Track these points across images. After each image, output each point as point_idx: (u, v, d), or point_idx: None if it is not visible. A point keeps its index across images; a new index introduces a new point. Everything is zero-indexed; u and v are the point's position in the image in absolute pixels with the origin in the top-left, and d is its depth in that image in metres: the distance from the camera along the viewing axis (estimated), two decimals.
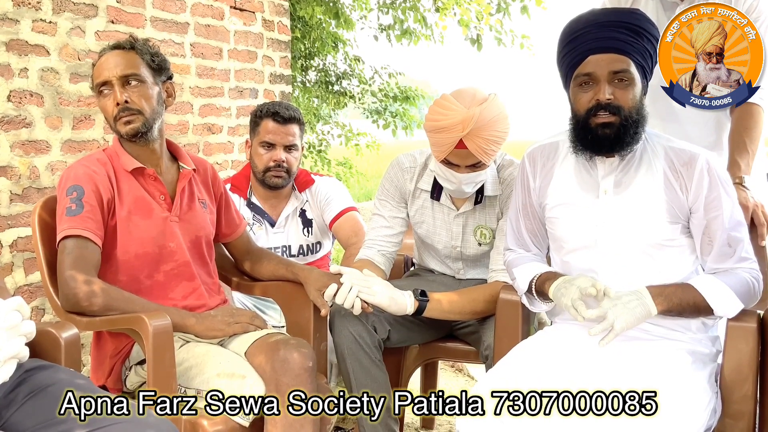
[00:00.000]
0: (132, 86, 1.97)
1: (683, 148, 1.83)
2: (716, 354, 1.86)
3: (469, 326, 2.30)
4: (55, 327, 1.70)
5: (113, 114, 1.98)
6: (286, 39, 4.31)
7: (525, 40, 6.69)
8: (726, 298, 1.75)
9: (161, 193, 2.03)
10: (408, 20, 6.65)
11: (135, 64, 1.98)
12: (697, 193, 1.78)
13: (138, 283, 1.96)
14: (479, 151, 2.07)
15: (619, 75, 1.77)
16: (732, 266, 1.80)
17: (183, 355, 1.90)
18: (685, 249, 1.85)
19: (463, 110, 2.05)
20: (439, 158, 2.15)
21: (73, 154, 2.96)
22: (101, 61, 2.00)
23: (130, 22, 3.24)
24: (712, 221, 1.79)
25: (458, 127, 2.04)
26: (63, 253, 1.87)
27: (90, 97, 3.03)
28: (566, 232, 1.91)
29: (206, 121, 3.74)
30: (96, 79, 2.00)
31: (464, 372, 3.53)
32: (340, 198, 2.77)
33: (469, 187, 2.18)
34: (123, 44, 2.01)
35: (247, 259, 2.32)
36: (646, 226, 1.81)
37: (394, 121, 7.32)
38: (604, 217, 1.85)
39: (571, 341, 1.85)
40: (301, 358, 1.82)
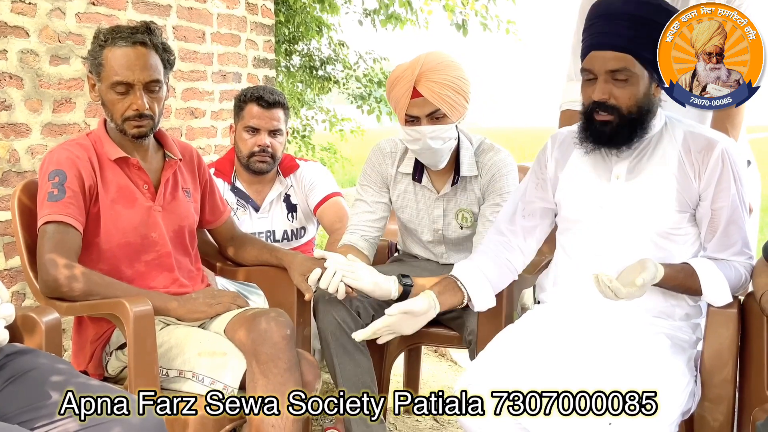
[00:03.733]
0: (153, 93, 1.93)
1: (702, 134, 1.84)
2: (696, 341, 1.88)
3: (452, 311, 2.31)
4: (35, 312, 1.69)
5: (125, 115, 1.92)
6: (269, 23, 4.27)
7: (511, 26, 6.68)
8: (720, 289, 1.78)
9: (145, 182, 2.01)
10: (393, 5, 6.61)
11: (158, 68, 1.93)
12: (709, 181, 1.80)
13: (119, 273, 1.94)
14: (434, 96, 2.11)
15: (616, 74, 1.77)
16: (729, 258, 1.83)
17: (163, 338, 1.90)
18: (690, 238, 1.87)
19: (411, 61, 2.15)
20: (402, 118, 2.18)
21: (54, 137, 2.93)
22: (120, 55, 1.89)
23: (112, 4, 3.20)
24: (717, 211, 1.81)
25: (408, 73, 2.12)
26: (43, 238, 1.85)
27: (71, 79, 2.99)
28: (574, 213, 1.93)
29: (189, 105, 3.70)
30: (113, 75, 1.89)
31: (447, 357, 3.54)
32: (325, 183, 2.76)
33: (437, 143, 2.17)
34: (144, 39, 1.91)
35: (230, 244, 2.31)
36: (654, 214, 1.83)
37: (379, 106, 7.29)
38: (613, 202, 1.87)
39: (554, 326, 1.87)
40: (278, 327, 1.82)
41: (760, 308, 1.71)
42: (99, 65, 1.92)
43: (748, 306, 1.84)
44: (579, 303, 1.89)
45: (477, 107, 2.36)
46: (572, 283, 1.93)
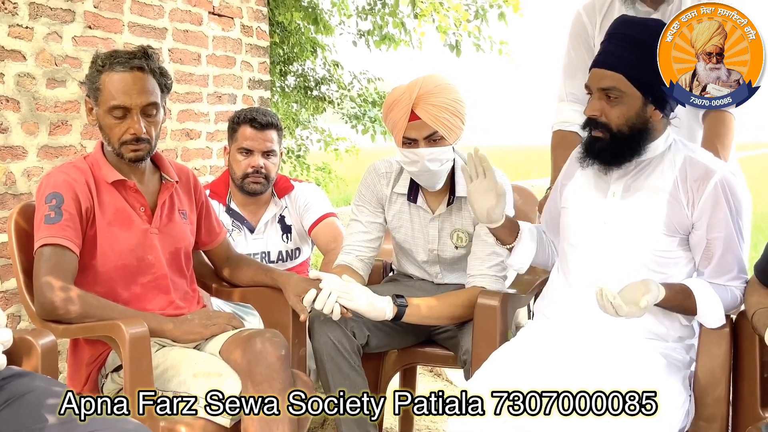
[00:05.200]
0: (150, 117, 1.95)
1: (701, 161, 1.85)
2: (690, 362, 1.90)
3: (447, 331, 2.32)
4: (31, 334, 1.69)
5: (122, 139, 1.93)
6: (264, 44, 4.31)
7: (503, 46, 6.73)
8: (715, 311, 1.80)
9: (141, 204, 2.02)
10: (387, 26, 6.66)
11: (155, 92, 1.95)
12: (702, 211, 1.81)
13: (115, 295, 1.95)
14: (432, 119, 2.12)
15: (607, 92, 1.81)
16: (726, 283, 1.84)
17: (159, 359, 1.90)
18: (681, 261, 1.88)
19: (408, 84, 2.18)
20: (399, 141, 2.20)
21: (50, 159, 2.94)
22: (117, 80, 1.91)
23: (108, 27, 3.23)
24: (713, 240, 1.82)
25: (405, 96, 2.14)
26: (40, 260, 1.85)
27: (67, 102, 3.01)
28: (572, 225, 1.96)
29: (184, 127, 3.72)
30: (111, 100, 1.91)
31: (443, 377, 3.54)
32: (320, 204, 2.77)
33: (434, 165, 2.19)
34: (141, 64, 1.93)
35: (226, 266, 2.32)
36: (643, 235, 1.85)
37: (373, 126, 7.32)
38: (606, 219, 1.90)
39: (550, 343, 1.88)
40: (273, 348, 1.83)
41: (752, 327, 1.72)
42: (96, 90, 1.94)
43: (740, 325, 1.85)
44: (574, 320, 1.90)
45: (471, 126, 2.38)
46: (566, 297, 1.95)
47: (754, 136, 47.35)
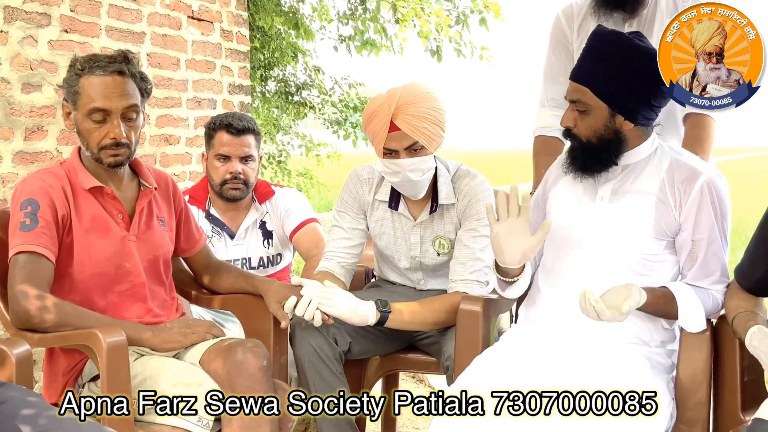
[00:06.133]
0: (130, 121, 1.92)
1: (687, 163, 1.87)
2: (672, 366, 1.90)
3: (429, 337, 2.31)
4: (5, 344, 1.67)
5: (101, 143, 1.91)
6: (245, 49, 4.28)
7: (484, 52, 6.75)
8: (696, 316, 1.81)
9: (119, 211, 1.99)
10: (368, 31, 6.66)
11: (135, 95, 1.93)
12: (689, 212, 1.83)
13: (91, 303, 1.92)
14: (412, 129, 2.12)
15: (576, 104, 1.86)
16: (708, 286, 1.85)
17: (138, 369, 1.87)
18: (668, 264, 1.89)
19: (387, 94, 2.17)
20: (380, 152, 2.19)
21: (26, 165, 2.89)
22: (97, 83, 1.88)
23: (85, 31, 3.19)
24: (697, 242, 1.83)
25: (384, 107, 2.13)
26: (15, 268, 1.82)
27: (43, 107, 2.97)
28: (560, 230, 1.95)
29: (163, 132, 3.69)
30: (90, 103, 1.88)
31: (425, 383, 3.53)
32: (301, 209, 2.75)
33: (416, 175, 2.18)
34: (121, 68, 1.90)
35: (206, 273, 2.29)
36: (631, 238, 1.85)
37: (355, 131, 7.31)
38: (594, 223, 1.90)
39: (534, 346, 1.88)
40: (254, 358, 1.81)
41: (732, 331, 1.73)
42: (75, 93, 1.91)
43: (720, 329, 1.86)
44: (560, 323, 1.90)
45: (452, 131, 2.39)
46: (552, 301, 1.95)
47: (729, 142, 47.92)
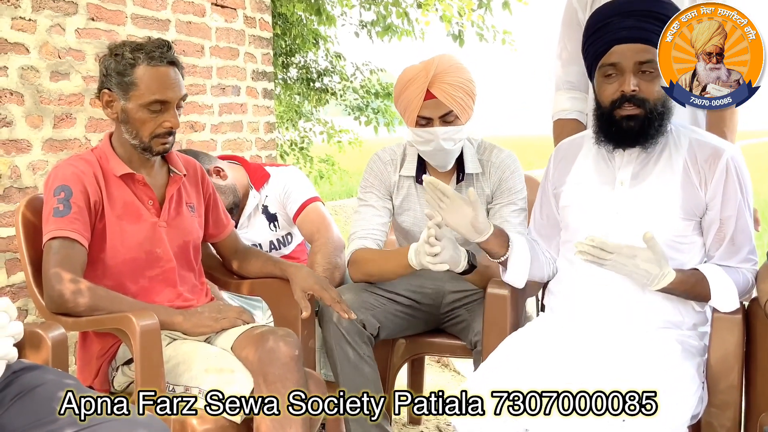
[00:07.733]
0: (179, 109, 1.96)
1: (708, 142, 1.84)
2: (704, 348, 1.89)
3: (456, 317, 2.31)
4: (41, 327, 1.69)
5: (155, 132, 1.93)
6: (268, 36, 4.28)
7: (507, 36, 6.71)
8: (729, 294, 1.79)
9: (150, 198, 2.01)
10: (390, 16, 6.64)
11: (184, 84, 1.97)
12: (716, 190, 1.81)
13: (123, 288, 1.94)
14: (448, 97, 2.12)
15: (644, 66, 1.79)
16: (736, 265, 1.83)
17: (170, 353, 1.89)
18: (695, 246, 1.87)
19: (423, 63, 2.17)
20: (412, 121, 2.17)
21: (55, 153, 2.93)
22: (157, 74, 1.90)
23: (111, 19, 3.21)
24: (725, 220, 1.81)
25: (422, 74, 2.13)
26: (49, 253, 1.85)
27: (71, 95, 3.00)
28: (578, 222, 1.93)
29: (189, 119, 3.71)
30: (151, 94, 1.89)
31: (450, 367, 3.54)
32: (300, 189, 2.66)
33: (449, 144, 2.17)
34: (173, 58, 1.94)
35: (234, 258, 2.31)
36: (659, 221, 1.82)
37: (376, 117, 7.32)
38: (617, 209, 1.87)
39: (561, 332, 1.87)
40: (287, 347, 1.82)
41: (764, 313, 1.72)
42: (129, 84, 1.90)
43: (752, 311, 1.85)
44: (584, 312, 1.89)
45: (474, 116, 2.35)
46: (576, 292, 1.93)
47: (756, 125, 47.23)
